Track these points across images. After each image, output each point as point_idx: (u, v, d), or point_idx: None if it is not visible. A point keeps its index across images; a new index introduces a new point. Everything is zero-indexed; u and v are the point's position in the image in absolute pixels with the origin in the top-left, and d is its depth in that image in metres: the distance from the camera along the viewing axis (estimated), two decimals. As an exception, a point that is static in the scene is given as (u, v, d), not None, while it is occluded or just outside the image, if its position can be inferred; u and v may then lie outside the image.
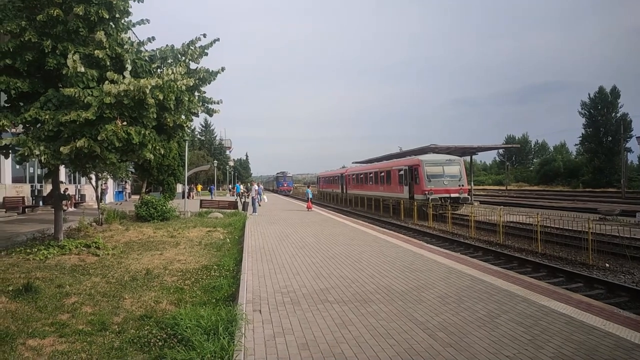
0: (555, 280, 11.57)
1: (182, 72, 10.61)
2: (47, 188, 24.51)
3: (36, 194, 24.65)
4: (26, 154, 10.08)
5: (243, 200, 31.59)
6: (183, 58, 11.50)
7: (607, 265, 13.15)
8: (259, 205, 29.09)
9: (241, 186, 31.93)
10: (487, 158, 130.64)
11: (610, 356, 4.68)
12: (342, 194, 49.39)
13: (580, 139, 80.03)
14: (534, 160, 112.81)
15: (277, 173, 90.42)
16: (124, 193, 40.12)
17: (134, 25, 11.79)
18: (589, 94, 76.80)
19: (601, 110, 74.74)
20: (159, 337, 5.56)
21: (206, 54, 11.83)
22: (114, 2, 10.51)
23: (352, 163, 56.49)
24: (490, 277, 8.59)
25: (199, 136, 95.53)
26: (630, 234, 15.56)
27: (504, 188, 76.59)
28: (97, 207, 19.69)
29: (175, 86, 10.40)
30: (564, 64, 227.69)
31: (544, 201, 40.72)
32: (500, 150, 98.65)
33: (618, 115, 73.38)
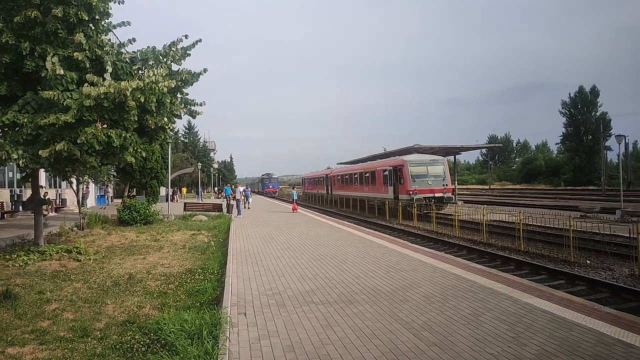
0: (537, 277, 11.71)
1: (164, 74, 10.49)
2: (27, 193, 24.05)
3: (16, 198, 24.18)
4: (3, 157, 9.87)
5: (227, 202, 31.30)
6: (164, 59, 11.36)
7: (588, 262, 13.36)
8: (248, 208, 28.98)
9: (230, 188, 31.11)
10: (470, 157, 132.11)
11: (593, 352, 4.74)
12: (327, 195, 49.42)
13: (561, 138, 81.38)
14: (516, 159, 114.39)
15: (263, 175, 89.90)
16: (105, 197, 39.59)
17: (114, 27, 11.63)
18: (569, 94, 78.25)
19: (581, 109, 76.07)
20: (142, 342, 5.47)
21: (189, 55, 11.70)
22: (94, 4, 10.34)
23: (337, 164, 56.59)
24: (474, 275, 8.66)
25: (182, 138, 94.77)
26: (611, 230, 15.82)
27: (487, 187, 77.54)
28: (78, 211, 19.39)
29: (157, 88, 10.28)
30: (549, 63, 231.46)
31: (526, 200, 41.26)
32: (483, 150, 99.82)
33: (598, 114, 74.78)
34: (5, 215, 21.59)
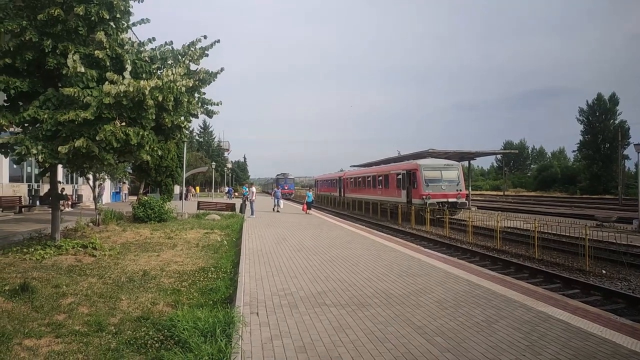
0: (552, 286, 11.57)
1: (182, 73, 10.60)
2: (44, 188, 24.46)
3: (33, 193, 24.59)
4: (23, 153, 10.05)
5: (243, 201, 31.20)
6: (183, 59, 11.48)
7: (604, 271, 13.17)
8: (278, 211, 29.09)
9: (248, 188, 30.91)
10: (485, 163, 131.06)
11: (608, 363, 4.67)
12: (340, 198, 49.39)
13: (578, 145, 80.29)
14: (532, 166, 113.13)
15: (278, 174, 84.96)
16: (121, 194, 40.02)
17: (134, 25, 11.77)
18: (587, 101, 77.21)
19: (599, 117, 74.97)
20: (155, 338, 5.53)
21: (206, 55, 11.80)
22: (115, 3, 10.50)
23: (350, 166, 56.49)
24: (487, 282, 8.59)
25: (197, 138, 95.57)
26: (627, 240, 15.59)
27: (501, 193, 76.76)
28: (94, 207, 19.64)
29: (175, 87, 10.39)
30: (565, 69, 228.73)
31: (541, 207, 40.80)
32: (498, 156, 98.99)
33: (616, 122, 73.61)
34: (23, 209, 21.94)
